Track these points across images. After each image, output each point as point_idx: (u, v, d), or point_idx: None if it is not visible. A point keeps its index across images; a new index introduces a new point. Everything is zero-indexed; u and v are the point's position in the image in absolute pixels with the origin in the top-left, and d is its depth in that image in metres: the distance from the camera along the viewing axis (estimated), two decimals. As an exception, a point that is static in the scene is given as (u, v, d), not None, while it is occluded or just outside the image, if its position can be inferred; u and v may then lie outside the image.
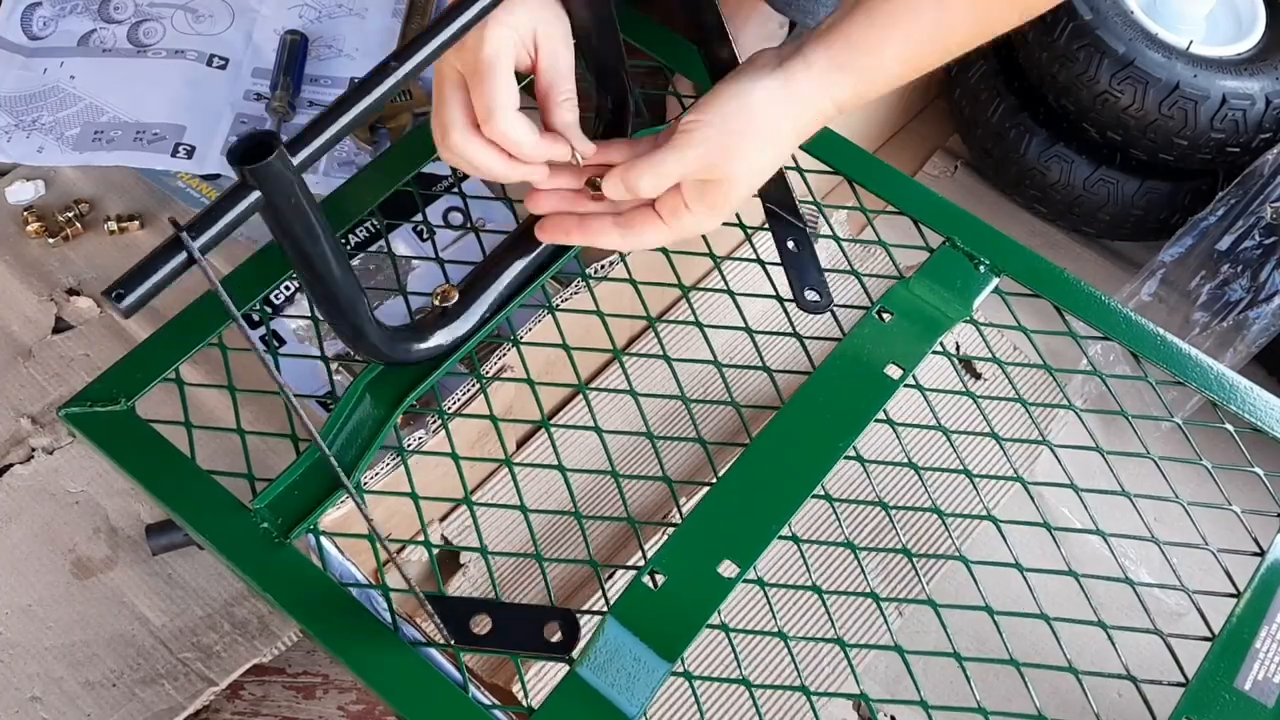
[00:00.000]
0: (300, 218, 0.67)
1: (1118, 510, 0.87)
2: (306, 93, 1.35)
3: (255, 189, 0.63)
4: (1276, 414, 0.92)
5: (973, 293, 0.95)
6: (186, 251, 0.60)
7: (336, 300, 0.75)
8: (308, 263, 0.71)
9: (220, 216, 0.62)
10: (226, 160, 0.62)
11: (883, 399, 0.89)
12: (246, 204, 0.63)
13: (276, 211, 0.65)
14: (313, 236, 0.69)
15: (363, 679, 0.76)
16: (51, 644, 1.03)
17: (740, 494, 0.84)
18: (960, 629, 0.82)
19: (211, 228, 0.62)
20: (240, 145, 0.62)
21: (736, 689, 1.00)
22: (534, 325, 0.96)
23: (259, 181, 0.62)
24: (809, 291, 0.95)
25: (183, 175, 1.28)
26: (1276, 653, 0.81)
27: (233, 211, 0.62)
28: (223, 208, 0.62)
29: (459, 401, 0.93)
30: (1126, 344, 0.94)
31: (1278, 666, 0.80)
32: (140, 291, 0.59)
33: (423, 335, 0.86)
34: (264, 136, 0.62)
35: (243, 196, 0.63)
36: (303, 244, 0.69)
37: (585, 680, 0.76)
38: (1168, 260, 1.19)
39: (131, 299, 0.59)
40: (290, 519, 0.82)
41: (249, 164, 0.61)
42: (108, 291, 0.58)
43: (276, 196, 0.64)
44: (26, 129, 1.32)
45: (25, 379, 1.18)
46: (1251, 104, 1.18)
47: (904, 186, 1.02)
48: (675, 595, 0.79)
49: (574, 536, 1.10)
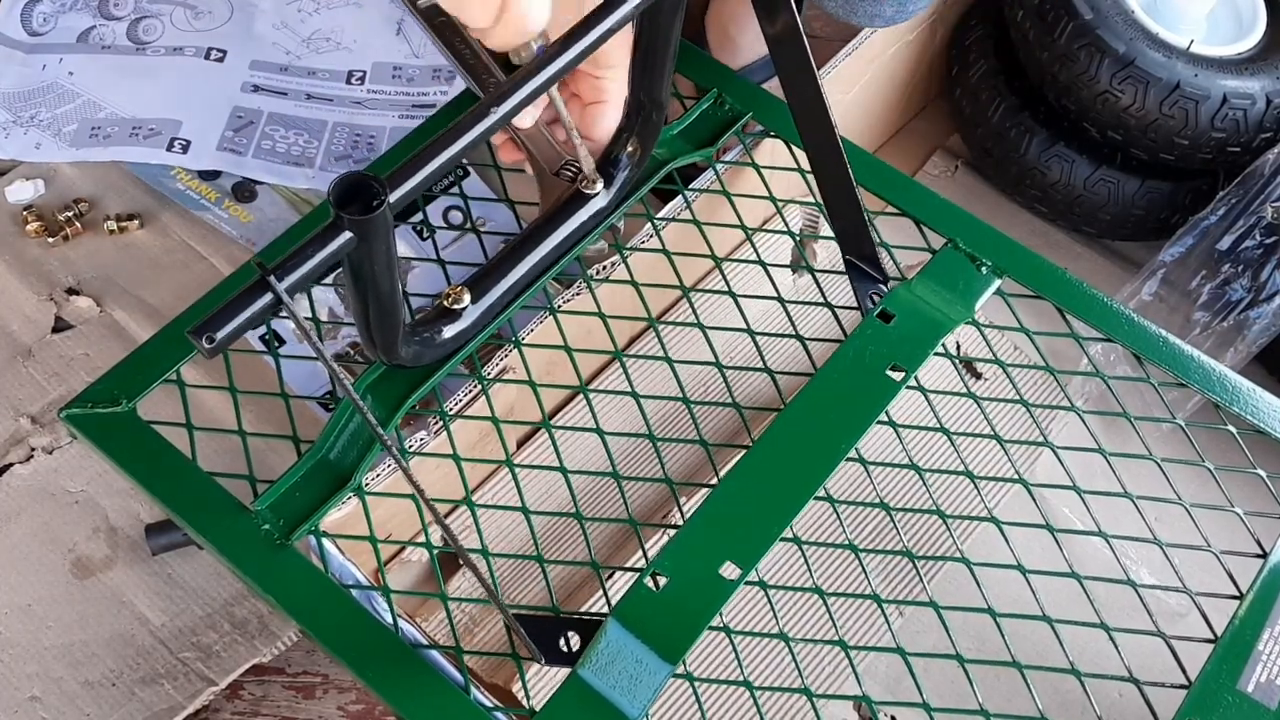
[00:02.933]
0: (384, 259, 0.66)
1: (1119, 512, 0.87)
2: (304, 86, 1.35)
3: (349, 233, 0.61)
4: (1279, 415, 0.92)
5: (975, 294, 0.95)
6: (274, 294, 0.59)
7: (388, 326, 0.75)
8: (375, 297, 0.70)
9: (309, 258, 0.61)
10: (328, 202, 0.60)
11: (885, 400, 0.89)
12: (337, 245, 0.61)
13: (368, 257, 0.64)
14: (388, 274, 0.68)
15: (364, 681, 0.76)
16: (51, 644, 1.03)
17: (742, 495, 0.84)
18: (961, 630, 0.82)
19: (299, 269, 0.60)
20: (340, 187, 0.60)
21: (738, 691, 1.00)
22: (535, 327, 0.96)
23: (356, 229, 0.61)
24: None
25: (181, 175, 1.28)
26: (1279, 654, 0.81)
27: (322, 253, 0.61)
28: (312, 250, 0.61)
29: (461, 402, 0.93)
30: (1128, 345, 0.94)
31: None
32: (227, 331, 0.58)
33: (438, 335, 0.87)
34: (367, 181, 0.60)
35: (333, 238, 0.61)
36: (378, 281, 0.68)
37: (587, 682, 0.76)
38: (1168, 260, 1.19)
39: (221, 338, 0.58)
40: (292, 520, 0.82)
41: (349, 206, 0.60)
42: (196, 332, 0.57)
43: (372, 243, 0.63)
44: (24, 125, 1.32)
45: (25, 379, 1.18)
46: (1252, 103, 1.18)
47: (905, 187, 1.02)
48: (677, 597, 0.79)
49: (573, 537, 1.10)
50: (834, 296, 0.97)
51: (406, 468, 0.67)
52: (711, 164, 1.03)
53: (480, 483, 1.11)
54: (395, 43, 1.41)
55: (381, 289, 0.70)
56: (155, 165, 1.29)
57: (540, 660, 0.77)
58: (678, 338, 1.10)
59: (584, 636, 0.78)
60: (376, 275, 0.68)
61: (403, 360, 0.84)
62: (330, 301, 1.16)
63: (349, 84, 1.37)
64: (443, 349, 0.87)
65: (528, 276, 0.90)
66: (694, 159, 1.01)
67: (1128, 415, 0.92)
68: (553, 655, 0.78)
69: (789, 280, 1.23)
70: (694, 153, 1.01)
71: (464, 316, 0.87)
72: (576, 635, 0.78)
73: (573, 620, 0.79)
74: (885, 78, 1.33)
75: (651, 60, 0.88)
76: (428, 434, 0.91)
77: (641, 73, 0.89)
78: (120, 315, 1.22)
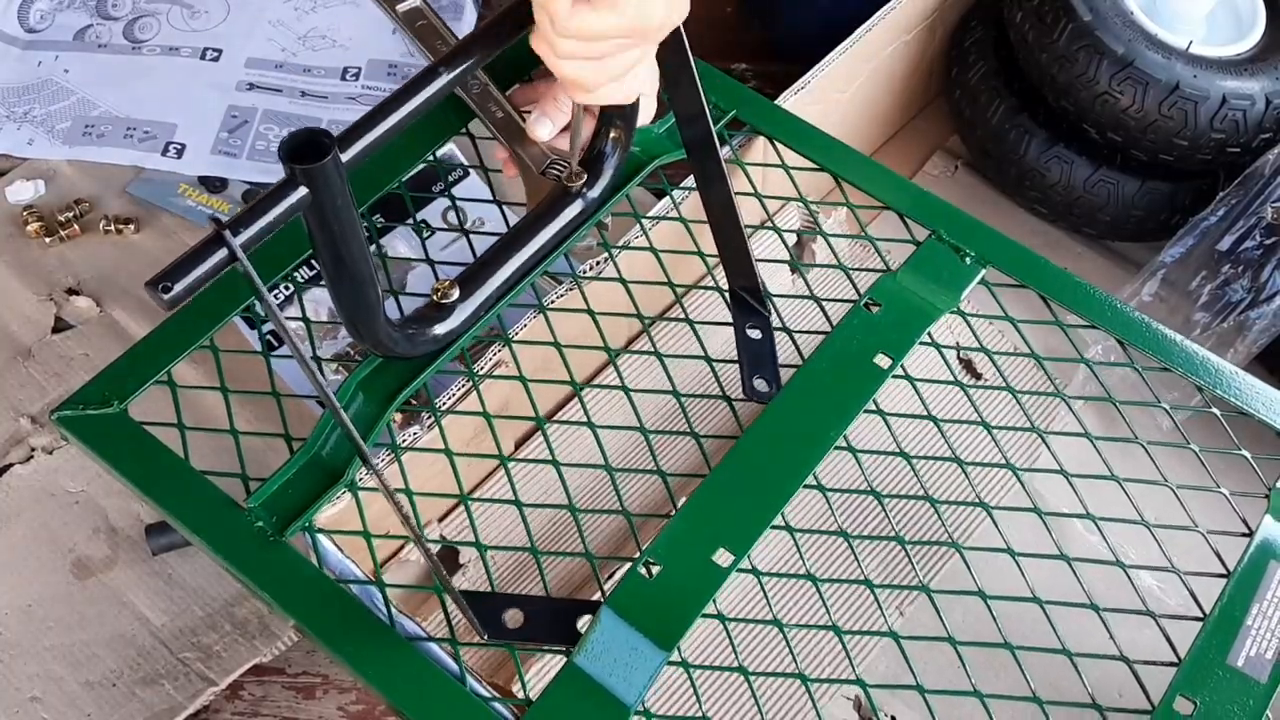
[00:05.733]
0: (344, 218, 0.66)
1: (1108, 497, 0.88)
2: (299, 83, 1.36)
3: (303, 187, 0.62)
4: (1262, 397, 0.93)
5: (960, 284, 0.96)
6: (228, 249, 0.59)
7: (361, 297, 0.76)
8: (340, 261, 0.71)
9: (263, 214, 0.61)
10: (277, 156, 0.61)
11: (873, 388, 0.90)
12: (292, 202, 0.62)
13: (322, 211, 0.64)
14: (352, 236, 0.68)
15: (361, 676, 0.76)
16: (51, 644, 1.04)
17: (734, 484, 0.85)
18: (953, 620, 0.82)
19: (254, 224, 0.61)
20: (291, 142, 0.61)
21: (734, 680, 1.00)
22: (527, 323, 0.97)
23: (308, 181, 0.62)
24: (759, 380, 0.95)
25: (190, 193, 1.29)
26: (1268, 629, 0.82)
27: (277, 209, 0.61)
28: (266, 205, 0.61)
29: (454, 397, 0.94)
30: (1113, 332, 0.95)
31: (1270, 643, 0.81)
32: (185, 283, 0.58)
33: (427, 328, 0.87)
34: (316, 135, 0.61)
35: (288, 194, 0.62)
36: (342, 243, 0.69)
37: (583, 670, 0.77)
38: (1168, 261, 1.19)
39: (178, 289, 0.58)
40: (285, 517, 0.82)
41: (300, 162, 0.60)
42: (152, 283, 0.58)
43: (324, 196, 0.63)
44: (17, 121, 1.33)
45: (25, 379, 1.19)
46: (1251, 104, 1.18)
47: (889, 182, 1.03)
48: (670, 584, 0.80)
49: (572, 537, 1.10)
50: (828, 294, 0.98)
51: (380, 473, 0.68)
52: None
53: (480, 482, 1.11)
54: (390, 40, 1.42)
55: (347, 254, 0.70)
56: (161, 184, 1.29)
57: (483, 635, 0.78)
58: (671, 335, 1.11)
59: (526, 613, 0.79)
60: (338, 236, 0.68)
61: (389, 347, 0.84)
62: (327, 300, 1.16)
63: (344, 81, 1.37)
64: (433, 344, 0.88)
65: (517, 273, 0.91)
66: (677, 157, 1.01)
67: (1113, 400, 0.93)
68: (497, 631, 0.79)
69: (786, 279, 1.24)
70: (677, 151, 1.01)
71: (454, 312, 0.88)
72: (519, 612, 0.79)
73: (515, 598, 0.80)
74: (884, 78, 1.34)
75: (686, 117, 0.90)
76: (421, 429, 0.92)
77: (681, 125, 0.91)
78: (120, 315, 1.23)
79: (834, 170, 1.02)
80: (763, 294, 0.97)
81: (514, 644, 0.80)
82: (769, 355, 0.97)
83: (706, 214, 0.95)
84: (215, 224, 0.59)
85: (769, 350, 0.97)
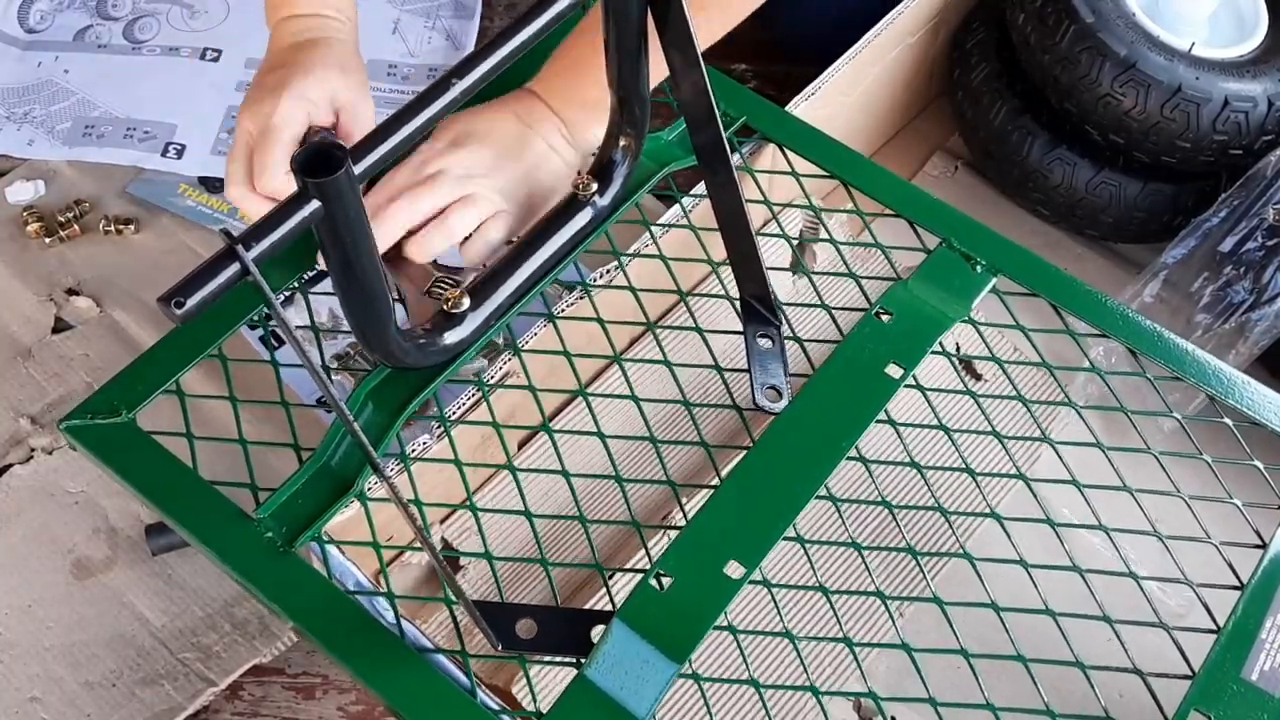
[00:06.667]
0: (356, 230, 0.66)
1: (1120, 508, 0.88)
2: (298, 83, 1.36)
3: (315, 200, 0.61)
4: (1274, 407, 0.93)
5: (971, 292, 0.95)
6: (240, 263, 0.59)
7: (372, 309, 0.75)
8: (351, 272, 0.70)
9: (276, 228, 0.61)
10: (291, 170, 0.60)
11: (884, 398, 0.89)
12: (304, 215, 0.61)
13: (334, 224, 0.64)
14: (364, 248, 0.68)
15: (372, 687, 0.76)
16: (51, 644, 1.04)
17: (744, 495, 0.84)
18: (964, 631, 0.82)
19: (266, 239, 0.60)
20: (303, 155, 0.60)
21: (742, 690, 1.00)
22: (537, 332, 0.97)
23: (321, 194, 0.61)
24: (769, 390, 0.95)
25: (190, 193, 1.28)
26: (1282, 643, 0.82)
27: (290, 223, 0.61)
28: (278, 218, 0.61)
29: (463, 407, 0.94)
30: (1124, 341, 0.95)
31: (1284, 656, 0.81)
32: (197, 299, 0.58)
33: (438, 338, 0.87)
34: (329, 148, 0.61)
35: (301, 207, 0.61)
36: (353, 255, 0.68)
37: (594, 682, 0.76)
38: (1170, 262, 1.19)
39: (191, 305, 0.57)
40: (295, 527, 0.82)
41: (313, 175, 0.60)
42: (165, 298, 0.57)
43: (336, 209, 0.63)
44: (17, 121, 1.32)
45: (25, 379, 1.18)
46: (1254, 106, 1.18)
47: (899, 189, 1.02)
48: (682, 597, 0.80)
49: (573, 539, 1.10)
50: (832, 299, 0.98)
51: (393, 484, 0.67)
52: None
53: (481, 484, 1.11)
54: (391, 41, 1.41)
55: (358, 266, 0.70)
56: (161, 184, 1.29)
57: (496, 645, 0.78)
58: (677, 341, 1.10)
59: (539, 623, 0.79)
60: (350, 249, 0.68)
61: (399, 358, 0.84)
62: (331, 303, 1.16)
63: (344, 80, 1.37)
64: (443, 353, 0.87)
65: (528, 282, 0.91)
66: (688, 164, 1.01)
67: (1125, 410, 0.92)
68: (510, 641, 0.79)
69: (788, 283, 1.24)
70: (687, 158, 1.01)
71: (465, 322, 0.88)
72: (532, 622, 0.79)
73: (527, 608, 0.80)
74: (887, 80, 1.33)
75: (624, 55, 0.87)
76: (430, 437, 0.91)
77: (618, 69, 0.88)
78: (120, 316, 1.22)
79: (845, 178, 1.02)
80: (773, 302, 0.96)
81: (526, 655, 0.79)
82: (779, 364, 0.96)
83: (717, 221, 0.94)
84: (227, 238, 0.59)
85: (779, 359, 0.96)
